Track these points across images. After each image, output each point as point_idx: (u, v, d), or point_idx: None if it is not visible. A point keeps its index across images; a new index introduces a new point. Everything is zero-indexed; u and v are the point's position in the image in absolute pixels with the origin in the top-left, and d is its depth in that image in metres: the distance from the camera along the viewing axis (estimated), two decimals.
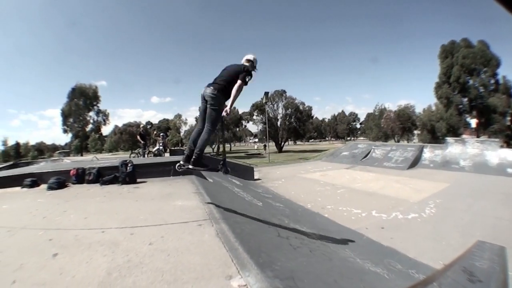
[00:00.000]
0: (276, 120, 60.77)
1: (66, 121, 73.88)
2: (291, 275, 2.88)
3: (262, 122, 60.98)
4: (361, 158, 17.98)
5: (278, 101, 60.88)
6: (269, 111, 58.52)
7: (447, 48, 48.35)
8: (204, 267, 2.90)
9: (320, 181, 12.25)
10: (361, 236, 5.92)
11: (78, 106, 72.36)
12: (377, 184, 11.30)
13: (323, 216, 7.41)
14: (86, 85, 74.59)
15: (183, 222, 4.32)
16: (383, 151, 17.80)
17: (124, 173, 7.95)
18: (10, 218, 5.24)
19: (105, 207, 5.59)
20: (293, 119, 59.69)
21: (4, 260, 3.40)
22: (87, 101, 74.01)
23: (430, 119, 50.39)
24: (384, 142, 35.27)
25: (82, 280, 2.83)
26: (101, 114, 78.48)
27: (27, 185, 8.06)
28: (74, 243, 3.76)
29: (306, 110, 61.68)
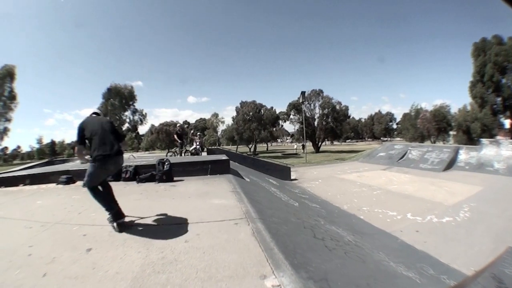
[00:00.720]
0: (313, 120, 59.91)
1: None
2: (325, 277, 2.83)
3: (299, 122, 60.25)
4: (398, 159, 17.73)
5: (315, 100, 59.93)
6: (306, 110, 57.83)
7: (479, 45, 46.80)
8: (238, 265, 2.86)
9: (356, 182, 12.15)
10: (396, 239, 5.82)
11: (114, 106, 73.08)
12: (413, 186, 11.09)
13: (359, 218, 7.33)
14: (122, 85, 75.25)
15: (219, 221, 4.29)
16: (419, 152, 17.48)
17: (161, 171, 7.95)
18: (44, 213, 5.33)
19: (141, 205, 5.61)
20: (330, 119, 58.64)
21: (36, 254, 3.45)
22: (122, 100, 74.69)
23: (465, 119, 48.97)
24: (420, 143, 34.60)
25: (115, 275, 2.84)
26: (138, 113, 79.01)
27: (62, 182, 8.17)
28: (108, 239, 3.78)
29: (342, 110, 60.62)
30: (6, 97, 58.69)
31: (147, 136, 74.18)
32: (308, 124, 54.70)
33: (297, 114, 59.98)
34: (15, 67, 60.05)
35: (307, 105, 58.60)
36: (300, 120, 57.86)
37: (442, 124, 54.30)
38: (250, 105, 61.95)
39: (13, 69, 59.51)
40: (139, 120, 78.85)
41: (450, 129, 55.31)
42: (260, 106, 62.87)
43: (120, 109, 74.33)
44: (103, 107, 71.29)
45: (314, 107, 60.22)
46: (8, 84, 58.98)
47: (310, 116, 59.35)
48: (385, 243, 5.41)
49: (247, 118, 60.64)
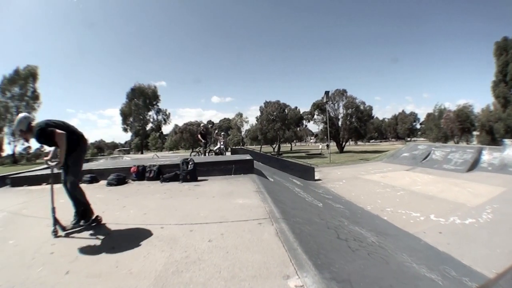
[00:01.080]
0: (337, 120, 59.31)
1: (126, 120, 75.72)
2: (348, 278, 2.81)
3: (322, 122, 59.75)
4: (421, 160, 17.49)
5: (339, 100, 59.35)
6: (330, 110, 57.39)
7: (500, 45, 45.93)
8: (262, 265, 2.85)
9: (380, 183, 12.04)
10: (419, 241, 5.76)
11: (138, 106, 74.06)
12: (436, 187, 10.94)
13: (382, 219, 7.28)
14: (145, 85, 76.28)
15: (243, 220, 4.29)
16: (443, 153, 17.22)
17: (185, 171, 7.97)
18: (67, 212, 5.37)
19: (165, 204, 5.64)
20: (354, 119, 58.00)
21: (59, 252, 3.51)
22: (146, 100, 75.53)
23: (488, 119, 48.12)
24: (444, 144, 34.08)
25: (139, 273, 2.86)
26: (161, 113, 80.00)
27: (86, 181, 8.24)
28: (132, 237, 3.82)
29: (366, 109, 59.95)
30: (29, 97, 60.00)
31: (171, 136, 74.66)
32: (332, 124, 54.26)
33: (321, 114, 59.61)
34: (38, 68, 61.29)
35: (331, 105, 58.18)
36: (324, 120, 57.38)
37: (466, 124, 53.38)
38: (274, 105, 62.03)
39: (36, 69, 60.75)
40: (162, 120, 79.90)
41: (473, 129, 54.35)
42: (284, 106, 62.94)
43: (144, 109, 75.19)
44: (126, 107, 72.11)
45: (338, 107, 59.80)
46: (31, 85, 60.27)
47: (334, 116, 58.93)
48: (408, 244, 5.36)
49: (271, 118, 60.72)
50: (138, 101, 74.19)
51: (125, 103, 74.97)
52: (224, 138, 18.42)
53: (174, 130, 74.34)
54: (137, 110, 73.58)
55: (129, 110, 72.04)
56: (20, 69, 59.11)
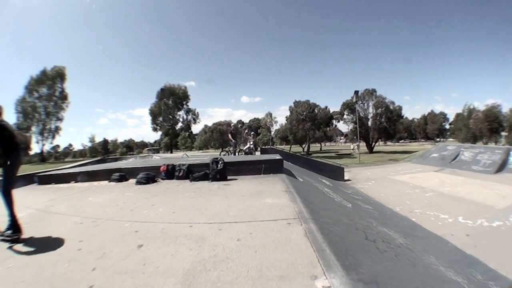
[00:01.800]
0: (366, 120, 59.16)
1: (156, 120, 76.79)
2: (375, 279, 2.78)
3: (352, 122, 59.48)
4: (450, 161, 17.22)
5: (368, 100, 58.97)
6: (360, 110, 57.01)
7: None
8: (290, 265, 2.84)
9: (409, 184, 11.94)
10: (446, 243, 5.69)
11: (167, 106, 75.05)
12: (465, 188, 10.77)
13: (410, 220, 7.21)
14: (175, 85, 77.32)
15: (272, 220, 4.27)
16: (472, 154, 16.91)
17: (215, 170, 7.99)
18: (95, 209, 5.49)
19: (194, 203, 5.65)
20: (383, 119, 57.52)
21: (86, 249, 3.56)
22: (176, 100, 76.58)
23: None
24: (472, 144, 33.48)
25: (166, 271, 2.88)
26: (191, 113, 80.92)
27: (114, 179, 8.43)
28: (160, 236, 3.84)
29: (396, 109, 59.26)
30: (57, 97, 61.55)
31: (201, 136, 75.35)
32: (361, 124, 53.93)
33: (351, 114, 59.33)
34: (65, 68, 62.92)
35: (361, 105, 57.80)
36: (353, 120, 57.05)
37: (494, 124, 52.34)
38: (304, 104, 61.92)
39: (63, 70, 62.28)
40: (192, 120, 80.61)
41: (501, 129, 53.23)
42: (314, 106, 62.76)
43: (174, 108, 76.10)
44: (156, 107, 73.09)
45: (367, 106, 59.51)
46: (59, 85, 61.73)
47: (363, 115, 58.62)
48: (436, 246, 5.30)
49: (301, 118, 60.61)
50: (168, 101, 75.11)
51: (154, 103, 76.16)
52: (254, 137, 18.42)
53: (204, 130, 75.06)
54: (166, 110, 74.48)
55: (158, 110, 72.96)
56: (48, 70, 60.57)
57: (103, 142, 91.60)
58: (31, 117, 59.52)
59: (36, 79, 59.66)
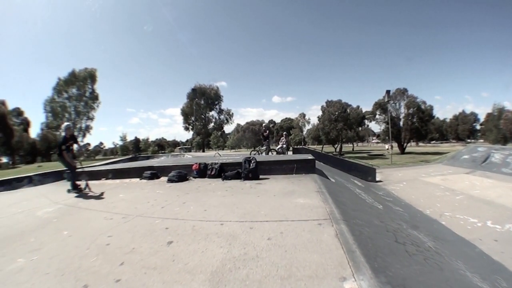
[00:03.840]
0: (398, 120, 58.78)
1: (187, 120, 77.37)
2: (403, 283, 2.77)
3: (384, 122, 59.31)
4: (481, 163, 16.80)
5: (400, 99, 58.45)
6: (391, 110, 56.58)
7: None
8: (319, 266, 2.84)
9: (440, 186, 11.68)
10: (474, 248, 5.58)
11: (199, 106, 75.41)
12: (494, 191, 10.45)
13: (440, 223, 7.08)
14: (206, 85, 77.66)
15: (303, 220, 4.27)
16: (502, 156, 16.43)
17: (247, 169, 8.03)
18: (126, 206, 5.59)
19: (226, 201, 5.70)
20: (415, 119, 56.64)
21: (115, 243, 3.65)
22: (208, 101, 77.06)
23: None
24: (503, 146, 32.64)
25: (195, 268, 2.93)
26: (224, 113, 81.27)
27: (146, 177, 8.59)
28: (191, 233, 3.90)
29: (427, 109, 58.23)
30: (87, 97, 63.04)
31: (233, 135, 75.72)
32: (393, 124, 53.38)
33: (383, 114, 58.82)
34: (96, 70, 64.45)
35: (392, 104, 57.18)
36: (385, 120, 56.73)
37: None
38: (336, 104, 61.88)
39: (94, 72, 63.79)
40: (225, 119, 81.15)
41: None
42: (346, 105, 62.80)
43: (205, 108, 76.56)
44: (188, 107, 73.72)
45: (399, 106, 59.02)
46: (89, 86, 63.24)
47: (395, 115, 58.04)
48: (464, 251, 5.20)
49: (333, 118, 60.42)
50: (200, 101, 75.53)
51: (186, 103, 76.66)
52: (286, 137, 18.42)
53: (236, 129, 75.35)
54: (198, 110, 74.76)
55: (190, 110, 73.23)
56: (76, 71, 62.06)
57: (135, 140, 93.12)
58: (61, 116, 60.99)
59: (64, 80, 61.17)
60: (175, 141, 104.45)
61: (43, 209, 5.97)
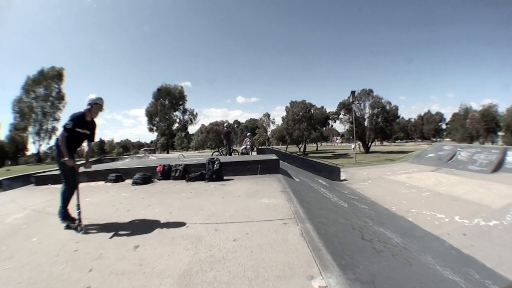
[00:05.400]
0: (363, 120, 59.56)
1: (152, 120, 76.13)
2: (372, 279, 2.79)
3: (349, 122, 60.23)
4: (447, 160, 17.16)
5: (365, 100, 59.48)
6: (356, 110, 57.47)
7: None
8: (286, 265, 2.85)
9: (405, 183, 11.85)
10: (443, 242, 5.68)
11: (164, 106, 74.54)
12: (461, 188, 10.71)
13: (407, 220, 7.17)
14: (171, 85, 76.76)
15: (268, 220, 4.29)
16: (468, 154, 16.84)
17: (211, 170, 8.03)
18: (92, 210, 5.47)
19: (190, 203, 5.67)
20: (380, 119, 57.88)
21: (83, 249, 3.57)
22: (173, 101, 76.09)
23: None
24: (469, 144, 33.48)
25: (162, 271, 2.89)
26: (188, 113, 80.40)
27: (111, 180, 8.44)
28: (156, 236, 3.86)
29: (392, 109, 59.55)
30: (54, 97, 61.28)
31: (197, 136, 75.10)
32: (358, 124, 54.15)
33: (347, 114, 59.81)
34: (64, 69, 62.59)
35: (357, 105, 58.14)
36: (350, 120, 57.75)
37: (491, 124, 52.66)
38: (300, 104, 62.30)
39: (62, 71, 62.09)
40: (189, 120, 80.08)
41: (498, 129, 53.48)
42: (310, 106, 63.18)
43: (170, 109, 75.62)
44: (152, 107, 72.77)
45: (364, 106, 60.07)
46: (56, 85, 61.56)
47: (360, 115, 58.99)
48: (433, 246, 5.29)
49: (297, 118, 60.94)
50: (164, 101, 74.58)
51: (151, 103, 75.56)
52: (250, 138, 18.46)
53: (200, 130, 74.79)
54: (163, 110, 73.85)
55: (155, 110, 72.31)
56: (45, 70, 60.44)
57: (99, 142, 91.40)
58: (28, 117, 59.39)
59: (33, 79, 59.52)
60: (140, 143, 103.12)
61: (12, 216, 5.79)
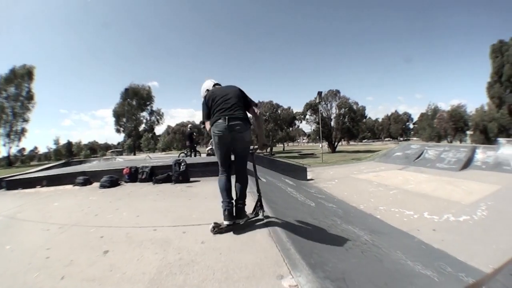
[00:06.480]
0: (329, 120, 60.45)
1: (119, 121, 75.11)
2: (342, 276, 2.82)
3: (315, 122, 60.84)
4: (414, 159, 17.45)
5: (332, 100, 60.63)
6: (323, 110, 58.45)
7: (496, 47, 46.81)
8: (255, 266, 2.87)
9: (373, 182, 11.97)
10: (413, 238, 5.76)
11: (131, 106, 73.55)
12: (429, 185, 10.91)
13: (375, 218, 7.25)
14: (139, 85, 75.76)
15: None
16: (436, 152, 17.19)
17: (178, 172, 8.00)
18: (61, 215, 5.38)
19: (157, 206, 5.66)
20: (346, 119, 58.85)
21: (54, 256, 3.49)
22: (140, 101, 75.01)
23: (482, 119, 48.70)
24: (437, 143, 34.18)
25: (132, 276, 2.86)
26: (155, 113, 79.58)
27: (79, 183, 8.28)
28: (125, 240, 3.82)
29: (359, 110, 60.67)
30: (24, 97, 59.82)
31: (164, 137, 74.43)
32: (324, 124, 54.87)
33: (314, 114, 60.43)
34: (34, 68, 61.08)
35: (324, 105, 59.08)
36: (316, 120, 58.21)
37: (459, 124, 54.10)
38: (266, 105, 62.65)
39: (32, 69, 60.47)
40: (155, 121, 79.09)
41: (466, 129, 54.95)
42: (277, 106, 63.69)
43: (138, 109, 74.56)
44: (120, 108, 71.63)
45: (330, 107, 61.21)
46: (26, 84, 59.91)
47: (326, 116, 59.78)
48: (402, 242, 5.37)
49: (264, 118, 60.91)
50: (132, 101, 73.60)
51: (118, 103, 74.53)
52: None
53: (167, 131, 74.18)
54: (130, 110, 72.94)
55: (122, 110, 71.42)
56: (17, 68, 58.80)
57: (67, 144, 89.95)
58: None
59: (5, 77, 57.87)
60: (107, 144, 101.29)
61: None
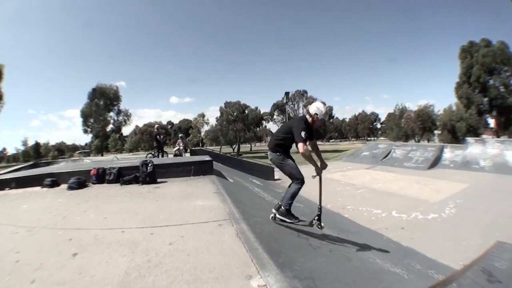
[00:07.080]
0: None
1: (87, 121, 72.77)
2: (310, 275, 2.88)
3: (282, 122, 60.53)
4: (382, 158, 17.74)
5: (299, 101, 61.32)
6: (290, 111, 58.87)
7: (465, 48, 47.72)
8: (223, 267, 2.89)
9: (340, 181, 12.11)
10: (381, 237, 5.87)
11: (99, 107, 71.31)
12: (397, 184, 11.13)
13: (343, 217, 7.36)
14: (107, 85, 73.50)
15: (203, 222, 4.31)
16: (404, 151, 17.52)
17: (145, 173, 7.96)
18: (30, 217, 5.28)
19: (125, 207, 5.61)
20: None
21: (24, 260, 3.43)
22: (107, 101, 72.83)
23: (450, 119, 49.60)
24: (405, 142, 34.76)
25: (102, 279, 2.84)
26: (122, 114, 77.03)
27: (47, 185, 8.13)
28: (93, 242, 3.78)
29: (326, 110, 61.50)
30: None
31: (131, 137, 73.41)
32: None
33: (281, 115, 60.87)
34: (3, 66, 58.66)
35: (291, 106, 59.50)
36: (283, 121, 58.55)
37: (427, 123, 55.08)
38: (234, 105, 62.88)
39: (1, 68, 58.23)
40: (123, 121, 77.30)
41: (434, 128, 56.04)
42: (244, 107, 63.81)
43: (105, 110, 72.88)
44: (87, 108, 70.02)
45: (298, 107, 61.52)
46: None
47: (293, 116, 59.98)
48: (371, 240, 5.40)
49: (232, 119, 61.32)
50: (99, 101, 71.90)
51: (86, 103, 72.28)
52: (183, 139, 18.38)
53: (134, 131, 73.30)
54: (97, 111, 71.20)
55: (89, 111, 69.88)
56: None
57: (35, 145, 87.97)
58: None
59: None
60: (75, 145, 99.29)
61: None
